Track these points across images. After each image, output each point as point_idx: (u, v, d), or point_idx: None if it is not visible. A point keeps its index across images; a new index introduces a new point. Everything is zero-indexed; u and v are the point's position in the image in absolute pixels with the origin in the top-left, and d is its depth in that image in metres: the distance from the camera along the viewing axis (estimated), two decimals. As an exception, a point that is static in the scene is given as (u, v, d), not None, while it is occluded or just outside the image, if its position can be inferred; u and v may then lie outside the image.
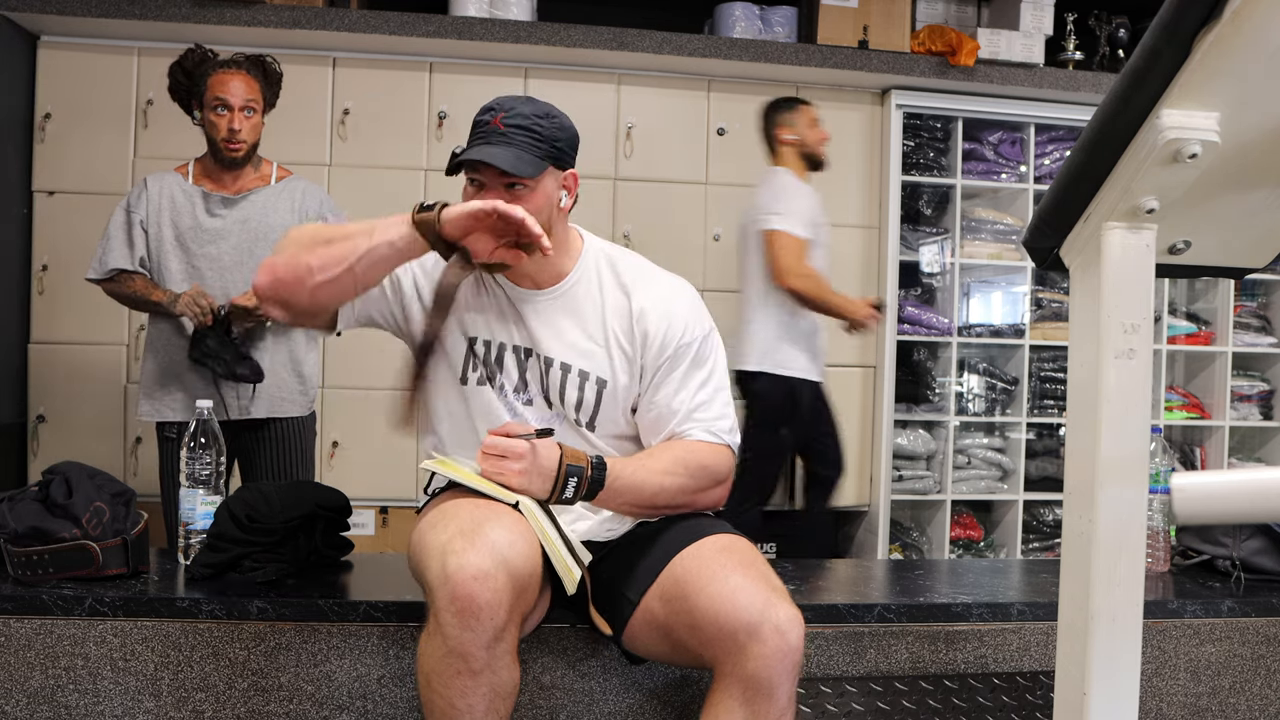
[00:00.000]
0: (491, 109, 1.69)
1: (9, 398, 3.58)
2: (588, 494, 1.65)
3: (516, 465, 1.61)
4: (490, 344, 1.77)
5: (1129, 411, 1.19)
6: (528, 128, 1.67)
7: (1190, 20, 1.06)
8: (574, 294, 1.78)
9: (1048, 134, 4.29)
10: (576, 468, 1.63)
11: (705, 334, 1.80)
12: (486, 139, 1.67)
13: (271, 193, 2.78)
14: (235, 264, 2.72)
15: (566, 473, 1.63)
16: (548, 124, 1.69)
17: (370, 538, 3.74)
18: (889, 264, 4.09)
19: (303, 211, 2.78)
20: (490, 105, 1.71)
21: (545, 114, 1.70)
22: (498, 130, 1.67)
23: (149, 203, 2.74)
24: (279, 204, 2.77)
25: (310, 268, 1.64)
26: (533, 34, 3.72)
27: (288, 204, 2.78)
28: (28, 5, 3.44)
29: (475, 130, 1.70)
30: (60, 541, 1.78)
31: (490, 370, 1.77)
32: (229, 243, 2.72)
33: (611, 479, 1.66)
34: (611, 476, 1.66)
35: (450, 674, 1.46)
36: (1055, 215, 1.25)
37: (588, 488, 1.65)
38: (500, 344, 1.77)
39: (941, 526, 4.18)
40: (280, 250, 1.70)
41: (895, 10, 4.04)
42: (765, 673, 1.48)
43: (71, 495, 1.81)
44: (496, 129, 1.67)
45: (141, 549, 1.87)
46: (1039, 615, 1.95)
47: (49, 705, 1.71)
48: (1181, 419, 4.42)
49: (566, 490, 1.64)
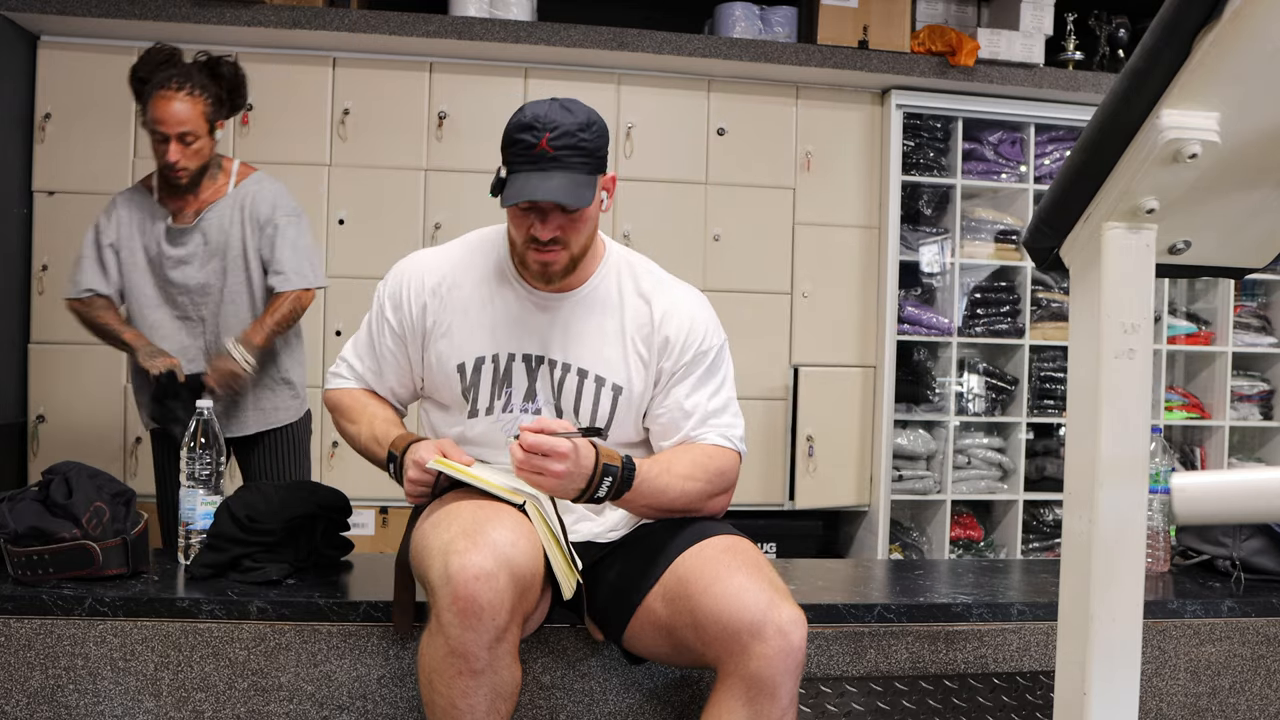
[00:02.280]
0: (533, 127, 1.62)
1: (9, 398, 3.58)
2: (616, 495, 1.64)
3: (559, 465, 1.57)
4: (498, 357, 1.77)
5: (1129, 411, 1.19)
6: (575, 145, 1.63)
7: (1190, 20, 1.06)
8: (594, 298, 1.78)
9: (1048, 134, 4.28)
10: (612, 467, 1.61)
11: (721, 344, 1.82)
12: (537, 164, 1.62)
13: (226, 205, 2.67)
14: (203, 285, 2.67)
15: (603, 472, 1.60)
16: (590, 135, 1.65)
17: (370, 538, 3.73)
18: (889, 264, 4.09)
19: (254, 221, 2.67)
20: (530, 122, 1.63)
21: (586, 124, 1.65)
22: (547, 154, 1.62)
23: (120, 226, 2.68)
24: (234, 216, 2.67)
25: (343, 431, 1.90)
26: (533, 34, 3.72)
27: (241, 215, 2.67)
28: (28, 5, 3.44)
29: (519, 151, 1.63)
30: (60, 541, 1.78)
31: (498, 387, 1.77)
32: (194, 265, 2.66)
33: (639, 480, 1.65)
34: (639, 479, 1.65)
35: (452, 674, 1.46)
36: (1055, 215, 1.26)
37: (617, 488, 1.63)
38: (509, 354, 1.77)
39: (941, 526, 4.17)
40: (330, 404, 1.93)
41: (895, 10, 4.04)
42: (768, 672, 1.48)
43: (71, 495, 1.81)
44: (545, 153, 1.61)
45: (142, 549, 1.87)
46: (1039, 615, 1.95)
47: (49, 705, 1.71)
48: (1181, 419, 4.42)
49: (600, 489, 1.61)
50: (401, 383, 1.87)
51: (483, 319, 1.78)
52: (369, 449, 1.82)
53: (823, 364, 4.10)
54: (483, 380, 1.77)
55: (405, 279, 1.83)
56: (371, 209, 3.78)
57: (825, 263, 4.10)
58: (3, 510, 1.80)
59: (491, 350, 1.77)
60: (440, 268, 1.82)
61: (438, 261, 1.84)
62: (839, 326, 4.12)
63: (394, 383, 1.87)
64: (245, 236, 2.66)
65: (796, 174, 4.07)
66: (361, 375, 1.89)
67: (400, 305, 1.81)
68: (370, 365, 1.87)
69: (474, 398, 1.78)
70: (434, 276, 1.80)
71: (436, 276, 1.80)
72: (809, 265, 4.09)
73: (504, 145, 1.66)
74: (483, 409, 1.78)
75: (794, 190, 4.07)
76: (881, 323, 4.11)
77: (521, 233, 1.69)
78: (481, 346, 1.77)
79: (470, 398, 1.78)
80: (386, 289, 1.85)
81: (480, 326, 1.77)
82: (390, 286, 1.84)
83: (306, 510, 1.96)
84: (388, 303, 1.83)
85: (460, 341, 1.78)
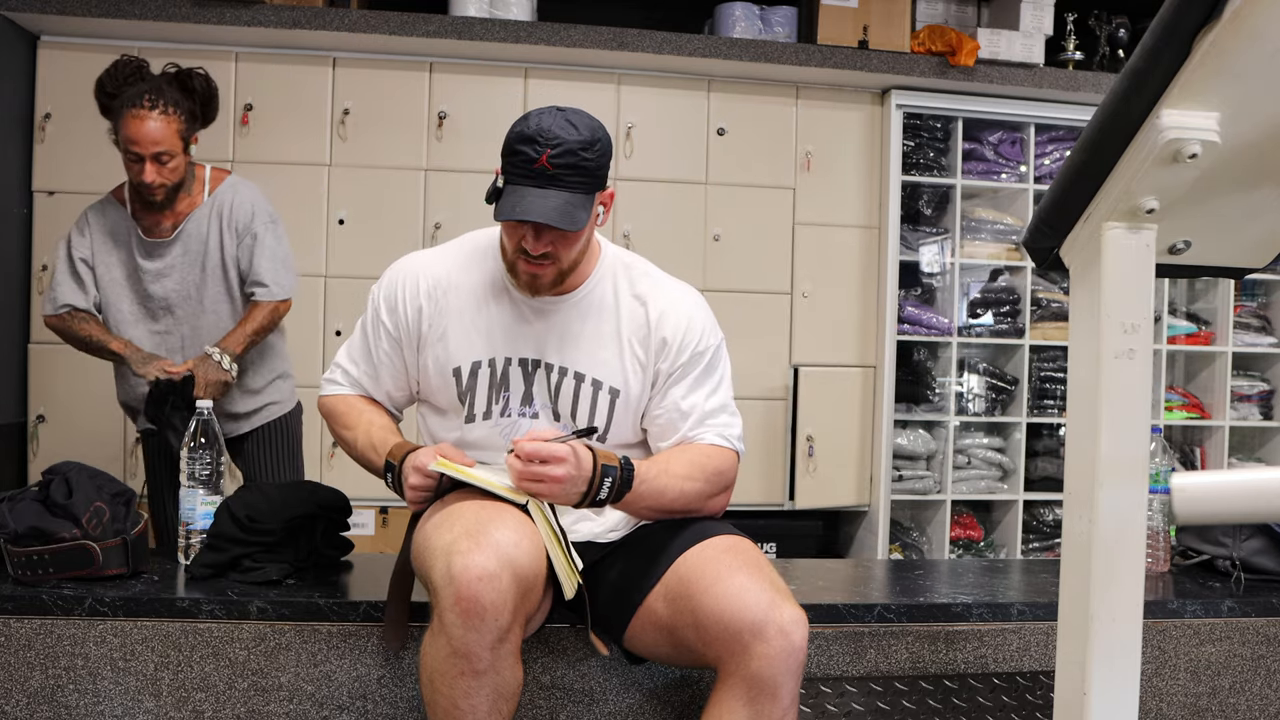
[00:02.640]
0: (535, 140, 1.60)
1: (9, 398, 3.58)
2: (616, 496, 1.63)
3: (559, 470, 1.55)
4: (494, 361, 1.76)
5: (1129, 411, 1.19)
6: (576, 165, 1.60)
7: (1190, 20, 1.06)
8: (590, 301, 1.78)
9: (1048, 134, 4.28)
10: (611, 468, 1.61)
11: (719, 344, 1.82)
12: (535, 180, 1.60)
13: (204, 213, 2.62)
14: (184, 297, 2.63)
15: (602, 473, 1.60)
16: (593, 155, 1.62)
17: (370, 538, 3.73)
18: (889, 264, 4.09)
19: (232, 229, 2.62)
20: (533, 135, 1.60)
21: (590, 142, 1.62)
22: (546, 171, 1.59)
23: (93, 240, 2.62)
24: (212, 224, 2.62)
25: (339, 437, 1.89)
26: (533, 34, 3.72)
27: (219, 223, 2.62)
28: (28, 5, 3.43)
29: (518, 164, 1.61)
30: (60, 541, 1.78)
31: (494, 391, 1.77)
32: (174, 278, 2.62)
33: (638, 482, 1.64)
34: (638, 479, 1.64)
35: (454, 674, 1.46)
36: (1055, 215, 1.26)
37: (618, 489, 1.62)
38: (506, 359, 1.76)
39: (941, 526, 4.17)
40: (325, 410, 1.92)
41: (895, 10, 4.04)
42: (769, 673, 1.48)
43: (71, 495, 1.81)
44: (545, 169, 1.59)
45: (141, 549, 1.87)
46: (1039, 615, 1.95)
47: (49, 705, 1.71)
48: (1181, 419, 4.42)
49: (601, 492, 1.60)
50: (398, 386, 1.86)
51: (479, 323, 1.77)
52: (365, 456, 1.81)
53: (823, 364, 4.10)
54: (479, 385, 1.77)
55: (400, 282, 1.81)
56: (371, 209, 3.78)
57: (825, 263, 4.10)
58: (3, 510, 1.80)
59: (488, 355, 1.76)
60: (435, 271, 1.81)
61: (433, 264, 1.82)
62: (839, 326, 4.12)
63: (391, 387, 1.86)
64: (224, 244, 2.62)
65: (796, 174, 4.07)
66: (357, 380, 1.87)
67: (396, 308, 1.80)
68: (366, 370, 1.86)
69: (471, 402, 1.77)
70: (429, 279, 1.80)
71: (431, 280, 1.79)
72: (809, 265, 4.09)
73: (504, 153, 1.64)
74: (480, 413, 1.77)
75: (794, 190, 4.07)
76: (881, 323, 4.11)
77: (513, 243, 1.68)
78: (478, 351, 1.77)
79: (467, 402, 1.77)
80: (381, 292, 1.83)
81: (476, 331, 1.77)
82: (385, 290, 1.83)
83: (306, 510, 1.96)
84: (383, 306, 1.82)
85: (456, 346, 1.77)
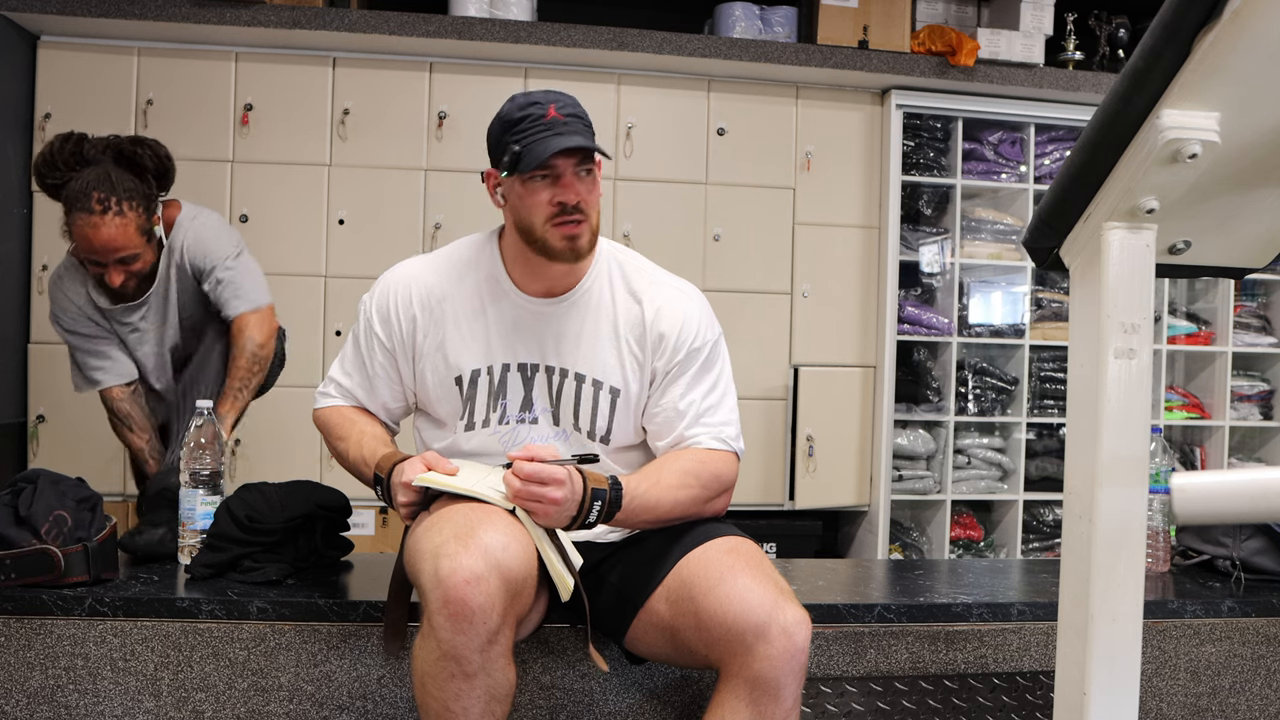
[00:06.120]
0: (538, 102, 1.66)
1: (9, 398, 3.58)
2: (606, 517, 1.62)
3: (557, 493, 1.55)
4: (493, 368, 1.76)
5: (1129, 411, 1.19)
6: (580, 115, 1.68)
7: (1190, 20, 1.06)
8: (586, 301, 1.77)
9: (1048, 134, 4.28)
10: (600, 491, 1.60)
11: (716, 339, 1.81)
12: (551, 129, 1.64)
13: (163, 269, 2.48)
14: (171, 346, 2.59)
15: (592, 496, 1.59)
16: (587, 116, 1.71)
17: (370, 538, 3.73)
18: (889, 264, 4.09)
19: (192, 271, 2.48)
20: (535, 99, 1.66)
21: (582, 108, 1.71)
22: (559, 121, 1.64)
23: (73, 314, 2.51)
24: (173, 279, 2.50)
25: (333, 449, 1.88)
26: (533, 34, 3.72)
27: (179, 274, 2.50)
28: (28, 5, 3.44)
29: (528, 124, 1.65)
30: (20, 547, 1.75)
31: (493, 399, 1.76)
32: (152, 338, 2.56)
33: (628, 499, 1.63)
34: (628, 497, 1.63)
35: (445, 677, 1.45)
36: (1055, 215, 1.25)
37: (607, 511, 1.62)
38: (504, 364, 1.76)
39: (941, 526, 4.17)
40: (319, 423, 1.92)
41: (895, 10, 4.04)
42: (772, 673, 1.48)
43: (33, 505, 1.78)
44: (557, 120, 1.64)
45: (106, 555, 1.83)
46: (1039, 615, 1.95)
47: (49, 705, 1.71)
48: (1181, 419, 4.42)
49: (590, 515, 1.60)
50: (394, 397, 1.85)
51: (475, 330, 1.76)
52: (357, 469, 1.80)
53: (823, 364, 4.10)
54: (479, 393, 1.76)
55: (392, 292, 1.80)
56: (371, 209, 3.78)
57: (825, 263, 4.10)
58: None
59: (486, 362, 1.76)
60: (427, 280, 1.79)
61: (423, 273, 1.81)
62: (839, 326, 4.12)
63: (386, 398, 1.85)
64: (188, 287, 2.52)
65: (796, 174, 4.07)
66: (351, 392, 1.86)
67: (389, 319, 1.79)
68: (360, 382, 1.85)
69: (470, 411, 1.77)
70: (421, 289, 1.78)
71: (424, 289, 1.78)
72: (809, 265, 4.09)
73: (505, 129, 1.66)
74: (479, 422, 1.77)
75: (794, 190, 4.07)
76: (881, 323, 4.11)
77: (541, 208, 1.67)
78: (476, 359, 1.76)
79: (467, 411, 1.77)
80: (374, 303, 1.82)
81: (474, 338, 1.76)
82: (378, 301, 1.81)
83: (306, 510, 1.96)
84: (375, 317, 1.81)
85: (454, 355, 1.76)
